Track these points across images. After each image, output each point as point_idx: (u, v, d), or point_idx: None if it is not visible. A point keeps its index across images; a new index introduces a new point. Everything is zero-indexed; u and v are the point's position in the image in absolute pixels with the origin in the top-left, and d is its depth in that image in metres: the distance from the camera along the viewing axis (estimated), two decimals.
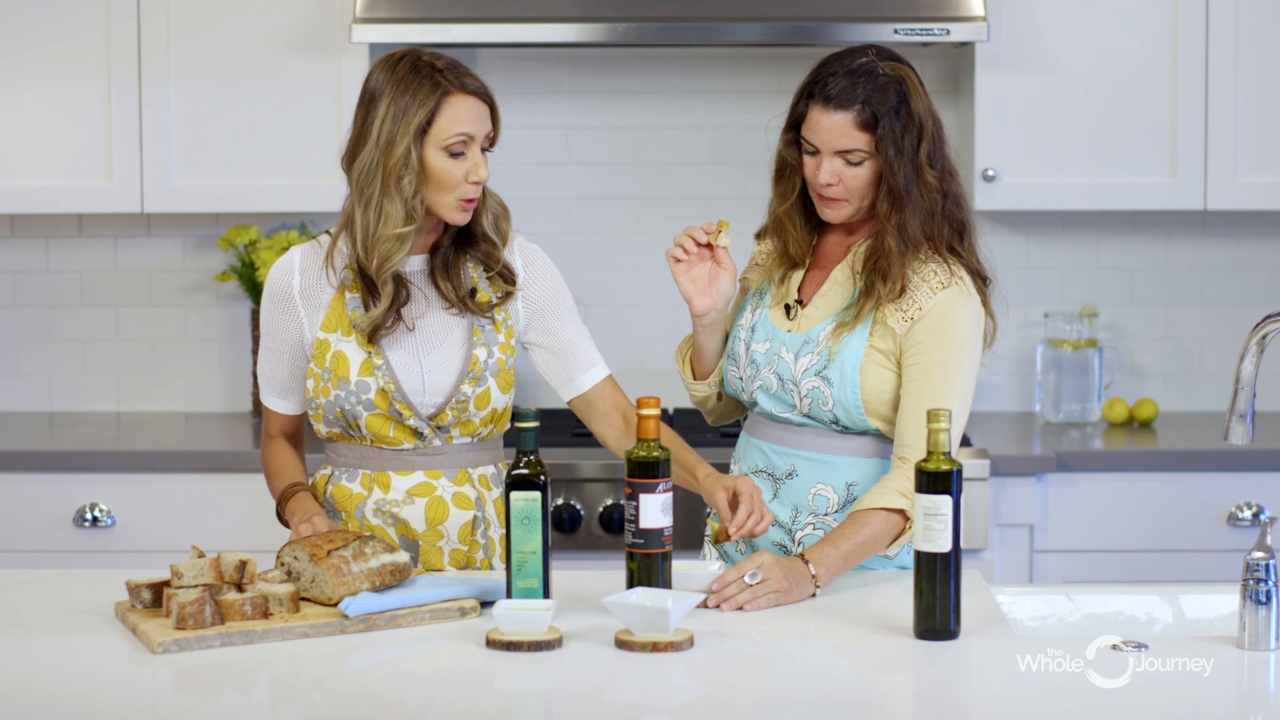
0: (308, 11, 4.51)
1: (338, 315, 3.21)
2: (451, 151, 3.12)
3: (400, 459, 3.23)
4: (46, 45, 4.53)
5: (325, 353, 3.20)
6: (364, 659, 2.73)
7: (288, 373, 3.28)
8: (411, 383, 3.19)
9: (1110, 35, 4.53)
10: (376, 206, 3.12)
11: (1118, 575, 4.33)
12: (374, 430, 3.20)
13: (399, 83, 3.12)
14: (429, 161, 3.11)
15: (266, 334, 3.28)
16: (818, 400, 3.18)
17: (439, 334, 3.22)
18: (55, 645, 2.77)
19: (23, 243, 4.90)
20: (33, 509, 4.36)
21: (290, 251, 3.26)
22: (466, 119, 3.13)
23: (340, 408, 3.19)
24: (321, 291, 3.22)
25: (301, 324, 3.23)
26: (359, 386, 3.18)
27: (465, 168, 3.13)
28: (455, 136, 3.11)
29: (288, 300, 3.23)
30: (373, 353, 3.18)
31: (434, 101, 3.10)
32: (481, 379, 3.21)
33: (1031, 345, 4.87)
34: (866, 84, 3.13)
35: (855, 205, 3.19)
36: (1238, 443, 2.94)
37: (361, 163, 3.13)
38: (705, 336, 3.30)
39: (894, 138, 3.13)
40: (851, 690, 2.65)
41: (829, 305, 3.23)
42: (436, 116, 3.11)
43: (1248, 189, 4.55)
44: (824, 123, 3.15)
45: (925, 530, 2.77)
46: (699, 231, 3.23)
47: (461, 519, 3.24)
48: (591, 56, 4.85)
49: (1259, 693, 2.64)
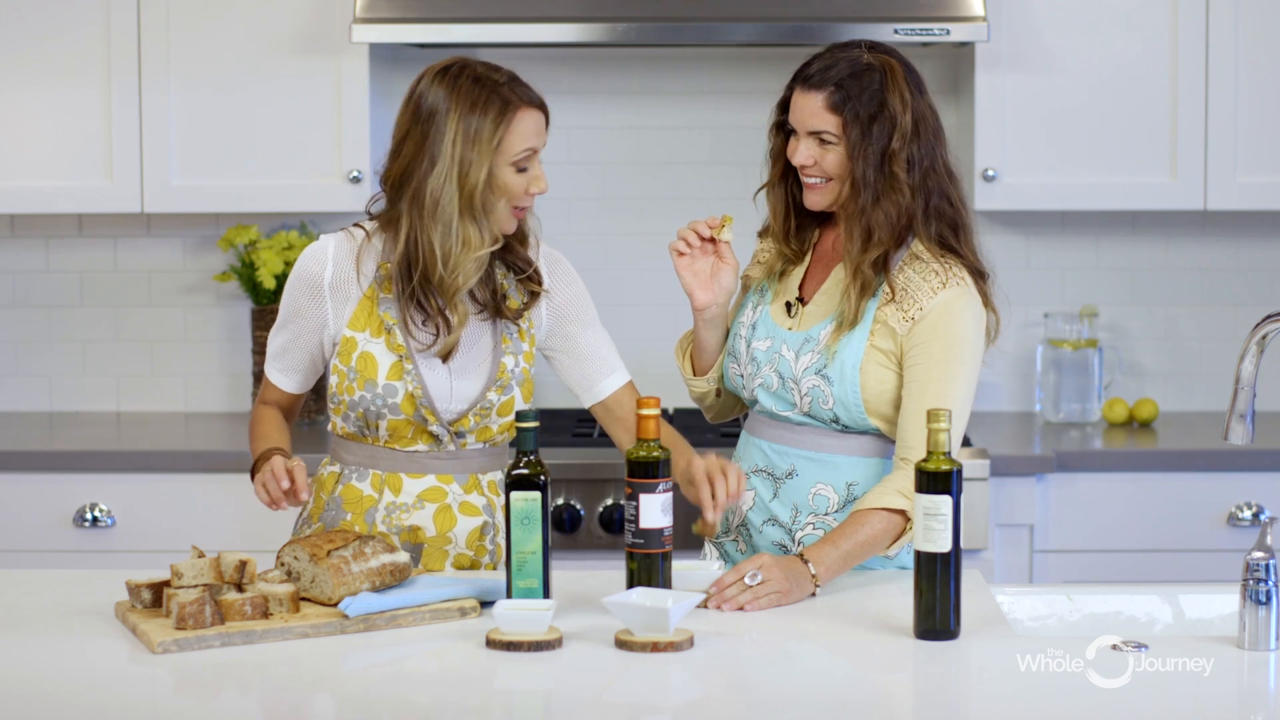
0: (308, 11, 4.51)
1: (367, 314, 3.18)
2: (519, 167, 3.11)
3: (413, 461, 3.22)
4: (46, 44, 4.53)
5: (352, 351, 3.18)
6: (364, 659, 2.73)
7: (301, 355, 3.25)
8: (439, 389, 3.18)
9: (1110, 35, 4.53)
10: (457, 231, 3.09)
11: (1118, 575, 4.33)
12: (393, 430, 3.19)
13: (464, 99, 3.08)
14: (496, 175, 3.10)
15: (288, 315, 3.23)
16: (818, 399, 3.18)
17: (467, 341, 3.20)
18: (55, 645, 2.77)
19: (23, 243, 4.90)
20: (33, 509, 4.36)
21: (324, 240, 3.22)
22: (533, 133, 3.12)
23: (364, 408, 3.18)
24: (351, 286, 3.19)
25: (327, 316, 3.20)
26: (386, 390, 3.16)
27: (528, 180, 3.12)
28: (524, 152, 3.11)
29: (316, 289, 3.20)
30: (403, 356, 3.16)
31: (506, 119, 3.08)
32: (508, 387, 3.21)
33: (1031, 345, 4.87)
34: (843, 68, 3.17)
35: (835, 192, 3.20)
36: (1238, 443, 2.94)
37: (433, 184, 3.08)
38: (706, 331, 3.31)
39: (860, 124, 3.14)
40: (851, 690, 2.65)
41: (830, 303, 3.23)
42: (508, 133, 3.09)
43: (1248, 189, 4.55)
44: (799, 102, 3.19)
45: (925, 530, 2.77)
46: (702, 225, 3.24)
47: (470, 525, 3.23)
48: (591, 56, 4.85)
49: (1259, 693, 2.64)
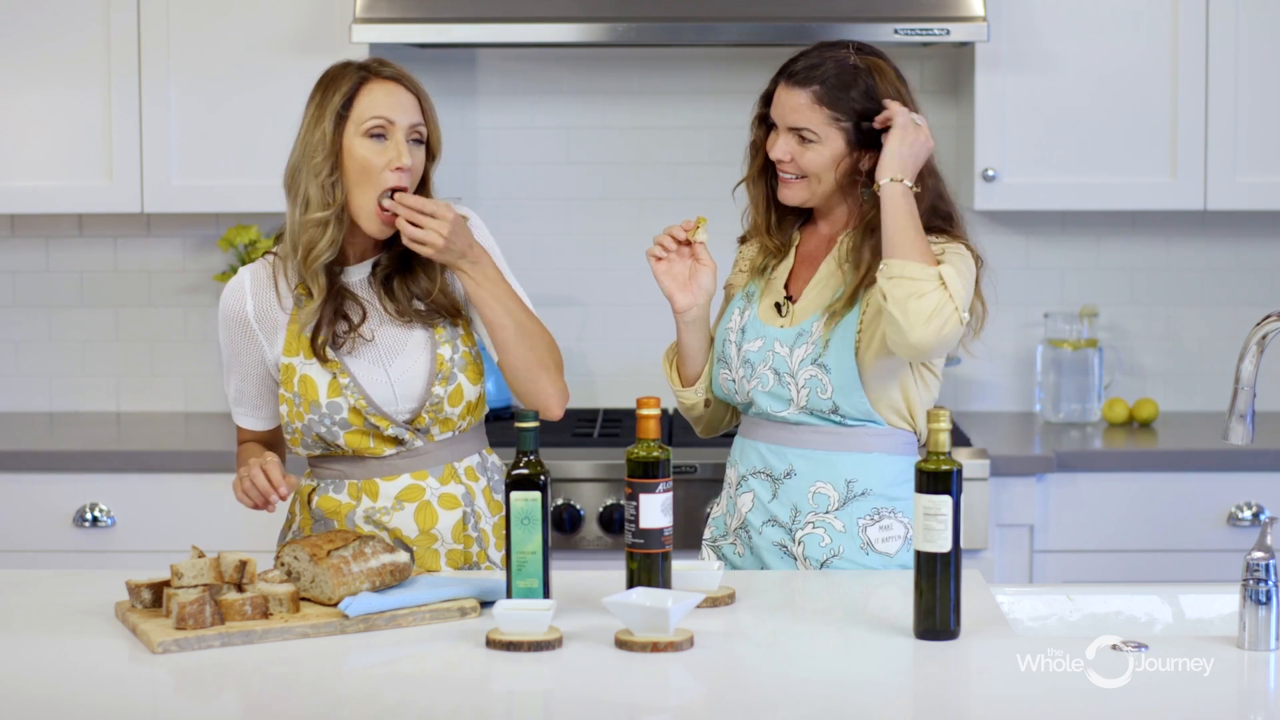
0: (308, 11, 4.51)
1: (296, 339, 3.18)
2: (370, 134, 3.12)
3: (385, 465, 3.22)
4: (46, 45, 4.53)
5: (292, 377, 3.18)
6: (364, 659, 2.73)
7: (256, 393, 3.27)
8: (381, 394, 3.18)
9: (1110, 35, 4.53)
10: (302, 196, 3.14)
11: (1118, 575, 4.33)
12: (354, 445, 3.19)
13: (325, 83, 3.18)
14: (349, 147, 3.13)
15: (229, 357, 3.25)
16: (816, 390, 3.18)
17: (399, 340, 3.20)
18: (55, 645, 2.77)
19: (23, 243, 4.90)
20: (33, 509, 4.36)
21: (240, 274, 3.24)
22: (385, 104, 3.13)
23: (316, 431, 3.18)
24: (276, 314, 3.20)
25: (262, 348, 3.21)
26: (330, 408, 3.16)
27: (387, 154, 3.12)
28: (373, 120, 3.12)
29: (244, 325, 3.21)
30: (337, 372, 3.16)
31: (350, 86, 3.14)
32: (451, 377, 3.20)
33: (1031, 345, 4.87)
34: (830, 68, 3.20)
35: (810, 188, 3.22)
36: (1238, 443, 2.94)
37: (291, 163, 3.17)
38: (688, 335, 3.31)
39: (854, 120, 3.18)
40: (851, 690, 2.65)
41: (820, 298, 3.24)
42: (355, 101, 3.13)
43: (1248, 189, 4.55)
44: (782, 98, 3.22)
45: (925, 530, 2.77)
46: (677, 229, 3.26)
47: (452, 520, 3.24)
48: (591, 56, 4.85)
49: (1259, 693, 2.64)
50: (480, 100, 4.84)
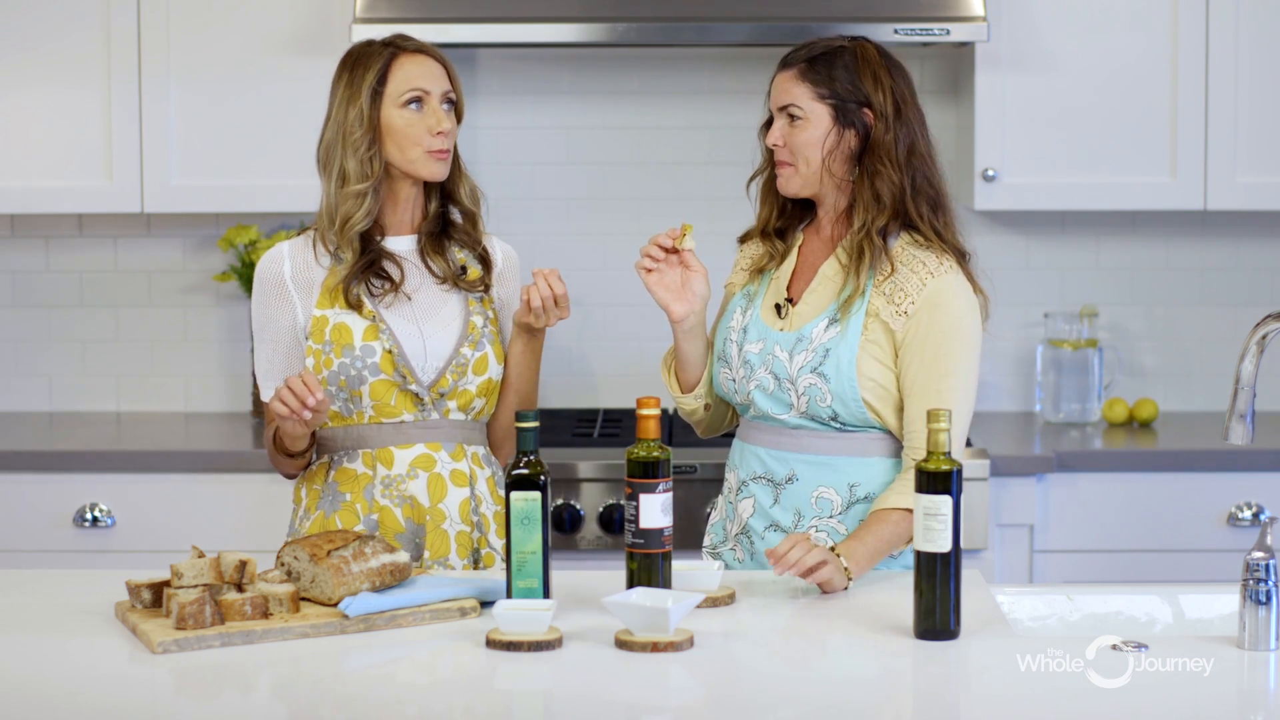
0: (308, 11, 4.51)
1: (330, 293, 3.29)
2: (408, 102, 3.26)
3: (400, 432, 3.27)
4: (46, 45, 4.53)
5: (324, 327, 3.27)
6: (364, 659, 2.73)
7: (286, 362, 3.32)
8: (413, 347, 3.28)
9: (1110, 35, 4.53)
10: (338, 170, 3.28)
11: (1118, 575, 4.33)
12: (376, 398, 3.25)
13: (351, 63, 3.31)
14: (388, 119, 3.27)
15: (261, 326, 3.35)
16: (815, 397, 3.18)
17: (435, 304, 3.32)
18: (55, 645, 2.77)
19: (23, 243, 4.90)
20: (33, 509, 4.36)
21: (278, 244, 3.37)
22: (419, 75, 3.28)
23: (345, 375, 3.25)
24: (313, 274, 3.31)
25: (295, 308, 3.30)
26: (364, 351, 3.25)
27: (426, 122, 3.26)
28: (409, 91, 3.26)
29: (279, 286, 3.31)
30: (375, 318, 3.27)
31: (383, 62, 3.28)
32: (480, 343, 3.31)
33: (1031, 345, 4.87)
34: (818, 45, 3.24)
35: (803, 173, 3.22)
36: (1238, 443, 2.94)
37: (325, 141, 3.30)
38: (686, 343, 3.31)
39: (836, 95, 3.19)
40: (851, 690, 2.65)
41: (820, 301, 3.24)
42: (389, 75, 3.27)
43: (1248, 189, 4.55)
44: (774, 85, 3.27)
45: (925, 530, 2.77)
46: (663, 237, 3.26)
47: (459, 497, 3.29)
48: (591, 56, 4.85)
49: (1259, 693, 2.64)
50: (480, 100, 4.84)
